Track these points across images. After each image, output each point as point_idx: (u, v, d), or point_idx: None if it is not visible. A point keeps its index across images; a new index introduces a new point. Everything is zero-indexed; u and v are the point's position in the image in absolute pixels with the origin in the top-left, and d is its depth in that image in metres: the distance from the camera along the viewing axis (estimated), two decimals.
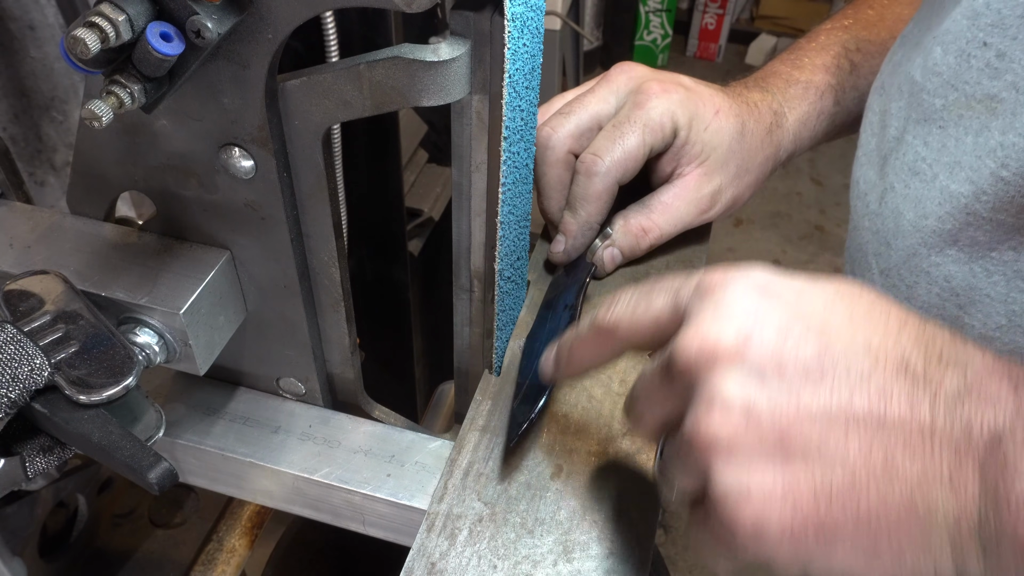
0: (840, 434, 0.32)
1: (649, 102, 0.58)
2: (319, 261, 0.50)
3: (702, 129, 0.59)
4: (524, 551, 0.47)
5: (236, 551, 0.67)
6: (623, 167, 0.57)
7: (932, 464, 0.32)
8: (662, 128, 0.58)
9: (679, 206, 0.61)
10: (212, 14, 0.35)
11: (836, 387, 0.33)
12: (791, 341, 0.33)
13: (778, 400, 0.33)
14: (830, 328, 0.34)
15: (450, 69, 0.40)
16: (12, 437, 0.41)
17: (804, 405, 0.33)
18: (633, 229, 0.61)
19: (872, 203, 0.56)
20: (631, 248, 0.62)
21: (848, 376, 0.33)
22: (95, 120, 0.36)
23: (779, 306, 0.34)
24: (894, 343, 0.33)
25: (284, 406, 0.58)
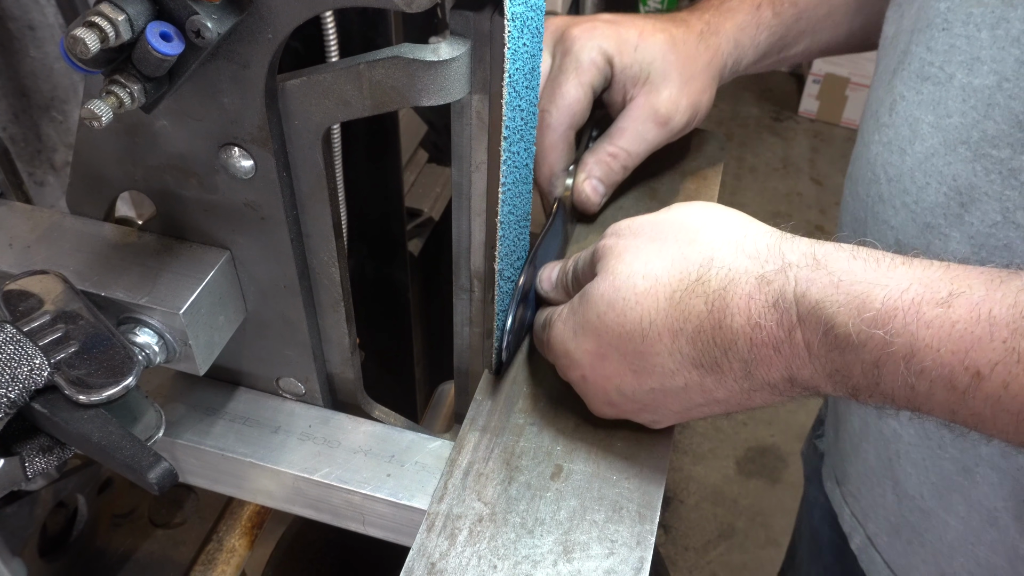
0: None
1: (575, 46, 0.61)
2: (319, 261, 0.50)
3: (632, 51, 0.62)
4: (524, 551, 0.47)
5: (236, 551, 0.67)
6: (570, 114, 0.61)
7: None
8: (595, 65, 0.61)
9: (636, 126, 0.64)
10: (212, 14, 0.35)
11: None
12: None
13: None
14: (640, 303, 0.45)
15: (450, 69, 0.40)
16: (12, 437, 0.41)
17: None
18: (602, 157, 0.64)
19: (883, 116, 0.57)
20: (606, 174, 0.65)
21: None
22: (95, 120, 0.36)
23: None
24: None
25: (284, 406, 0.58)
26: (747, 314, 0.41)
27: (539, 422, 0.53)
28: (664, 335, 0.44)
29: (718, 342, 0.43)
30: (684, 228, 0.46)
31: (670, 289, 0.44)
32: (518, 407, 0.54)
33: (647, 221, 0.48)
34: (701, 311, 0.43)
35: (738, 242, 0.43)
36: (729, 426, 2.18)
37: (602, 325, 0.46)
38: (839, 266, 0.40)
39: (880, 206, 0.58)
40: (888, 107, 0.57)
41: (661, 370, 0.45)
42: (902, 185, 0.55)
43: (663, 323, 0.44)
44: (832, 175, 3.03)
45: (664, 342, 0.44)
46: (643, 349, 0.45)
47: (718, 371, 0.44)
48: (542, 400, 0.55)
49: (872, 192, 0.59)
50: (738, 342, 0.42)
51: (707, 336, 0.43)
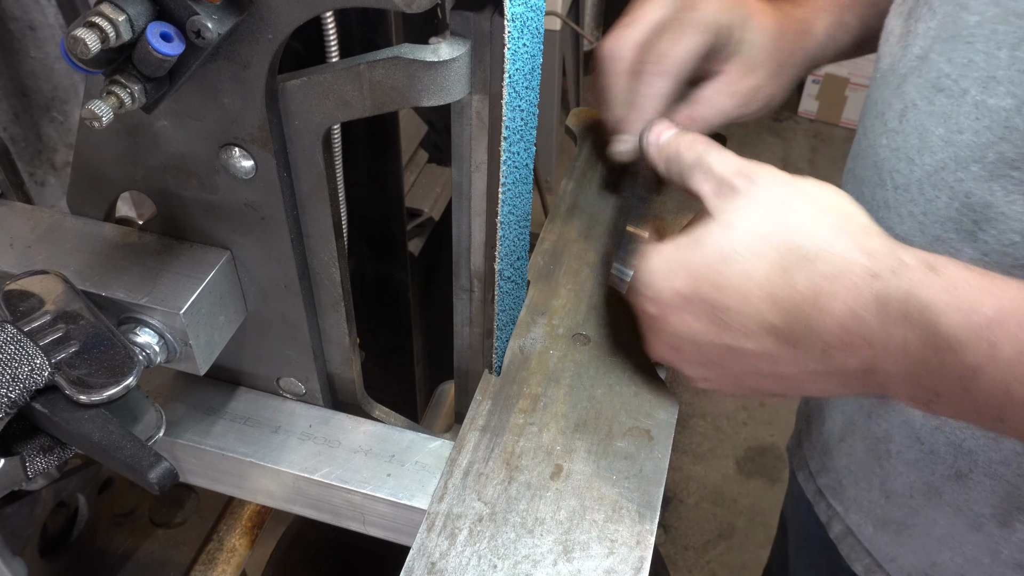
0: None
1: (702, 4, 0.62)
2: (319, 261, 0.50)
3: (744, 29, 0.63)
4: (524, 551, 0.47)
5: (236, 551, 0.67)
6: (686, 66, 0.62)
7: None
8: (716, 27, 0.62)
9: (720, 99, 0.65)
10: (212, 14, 0.35)
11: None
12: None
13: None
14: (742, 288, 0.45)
15: (450, 69, 0.40)
16: (12, 437, 0.41)
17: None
18: (682, 120, 0.64)
19: (891, 120, 0.57)
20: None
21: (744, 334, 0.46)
22: (95, 120, 0.36)
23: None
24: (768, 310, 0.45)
25: (284, 406, 0.58)
26: (848, 302, 0.42)
27: (539, 422, 0.53)
28: (759, 298, 0.45)
29: (809, 320, 0.44)
30: (812, 203, 0.46)
31: (781, 258, 0.45)
32: (518, 407, 0.54)
33: (782, 183, 0.48)
34: (804, 287, 0.44)
35: (857, 236, 0.44)
36: (729, 426, 2.18)
37: (705, 270, 0.46)
38: (952, 273, 0.41)
39: (885, 212, 0.58)
40: (898, 113, 0.57)
41: (742, 329, 0.46)
42: (910, 195, 0.55)
43: (763, 286, 0.45)
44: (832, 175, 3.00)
45: (755, 304, 0.45)
46: (733, 304, 0.46)
47: (796, 346, 0.45)
48: (542, 400, 0.55)
49: (877, 196, 0.59)
50: (829, 325, 0.43)
51: (799, 311, 0.44)
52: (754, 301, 0.45)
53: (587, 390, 0.55)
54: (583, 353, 0.58)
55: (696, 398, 2.25)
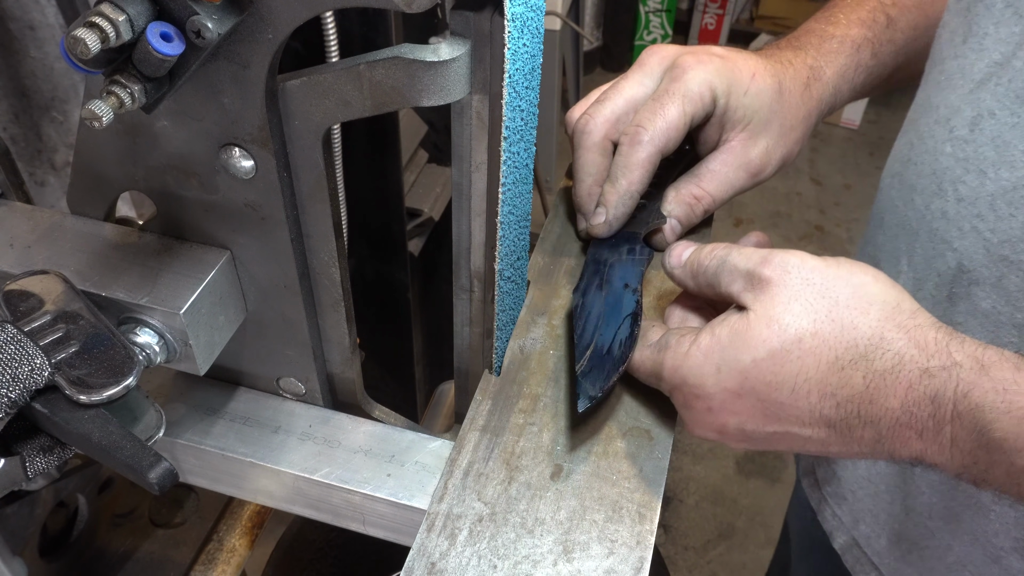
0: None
1: (686, 75, 0.59)
2: (319, 261, 0.50)
3: (741, 94, 0.60)
4: (524, 551, 0.47)
5: (236, 551, 0.67)
6: (665, 136, 0.58)
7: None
8: (701, 98, 0.59)
9: (727, 172, 0.62)
10: (212, 14, 0.35)
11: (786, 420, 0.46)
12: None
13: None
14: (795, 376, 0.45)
15: (450, 69, 0.40)
16: (12, 437, 0.41)
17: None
18: (685, 198, 0.62)
19: (959, 127, 0.55)
20: (686, 216, 0.63)
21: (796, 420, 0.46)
22: (95, 120, 0.36)
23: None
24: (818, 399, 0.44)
25: (284, 406, 0.58)
26: (903, 400, 0.42)
27: (539, 422, 0.53)
28: (813, 394, 0.45)
29: (862, 414, 0.44)
30: (857, 295, 0.45)
31: (834, 355, 0.44)
32: (518, 407, 0.54)
33: (818, 272, 0.46)
34: (858, 384, 0.43)
35: (909, 329, 0.44)
36: None
37: (754, 370, 0.45)
38: (1004, 375, 0.41)
39: (942, 224, 0.56)
40: (969, 120, 0.54)
41: (794, 420, 0.46)
42: (977, 209, 0.53)
43: (817, 383, 0.44)
44: (832, 175, 3.03)
45: (810, 400, 0.45)
46: (786, 400, 0.45)
47: (847, 434, 0.45)
48: (542, 400, 0.55)
49: (934, 206, 0.57)
50: (883, 420, 0.43)
51: (854, 406, 0.44)
52: (809, 397, 0.45)
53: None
54: None
55: None
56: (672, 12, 3.29)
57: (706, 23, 3.44)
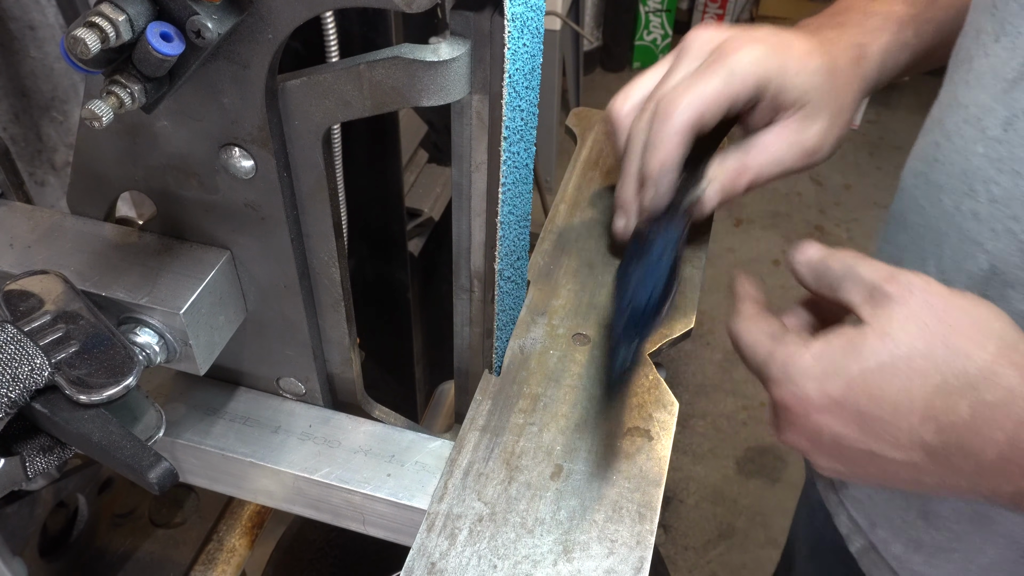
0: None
1: (733, 56, 0.56)
2: (319, 261, 0.50)
3: (793, 75, 0.57)
4: (524, 551, 0.47)
5: (236, 551, 0.67)
6: (699, 110, 0.55)
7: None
8: (749, 78, 0.56)
9: (780, 147, 0.58)
10: (212, 14, 0.35)
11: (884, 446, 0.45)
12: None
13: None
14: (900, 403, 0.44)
15: (450, 69, 0.40)
16: (12, 437, 0.41)
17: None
18: (730, 167, 0.59)
19: (991, 127, 0.53)
20: (730, 185, 0.59)
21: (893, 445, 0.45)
22: (95, 120, 0.36)
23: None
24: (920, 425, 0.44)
25: (284, 406, 0.58)
26: (1011, 435, 0.42)
27: (539, 422, 0.53)
28: (915, 415, 0.44)
29: (964, 444, 0.43)
30: (976, 326, 0.44)
31: (942, 379, 0.43)
32: (518, 407, 0.54)
33: (942, 298, 0.45)
34: (963, 412, 0.43)
35: (1022, 366, 0.43)
36: (729, 426, 2.18)
37: (861, 381, 0.45)
38: None
39: (973, 224, 0.55)
40: (1003, 120, 0.52)
41: (891, 440, 0.45)
42: (1011, 210, 0.52)
43: (920, 405, 0.43)
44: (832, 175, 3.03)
45: (911, 420, 0.44)
46: (887, 417, 0.44)
47: (945, 463, 0.44)
48: (542, 400, 0.55)
49: (964, 207, 0.55)
50: (987, 452, 0.42)
51: (956, 434, 0.43)
52: (910, 417, 0.44)
53: (587, 390, 0.55)
54: (583, 353, 0.58)
55: (696, 398, 2.25)
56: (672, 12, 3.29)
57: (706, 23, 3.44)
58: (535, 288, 0.62)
